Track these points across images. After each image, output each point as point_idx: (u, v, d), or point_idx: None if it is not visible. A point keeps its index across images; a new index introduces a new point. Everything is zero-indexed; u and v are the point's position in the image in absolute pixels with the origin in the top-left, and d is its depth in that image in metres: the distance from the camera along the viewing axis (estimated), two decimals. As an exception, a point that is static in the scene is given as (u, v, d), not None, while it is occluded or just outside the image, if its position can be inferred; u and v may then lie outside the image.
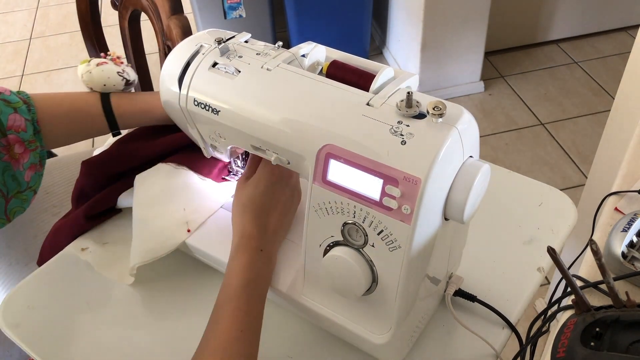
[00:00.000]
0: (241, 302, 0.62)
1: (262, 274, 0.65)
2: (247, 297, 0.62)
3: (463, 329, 0.69)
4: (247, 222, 0.67)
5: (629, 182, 0.78)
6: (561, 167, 2.02)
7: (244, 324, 0.61)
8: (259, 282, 0.64)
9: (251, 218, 0.67)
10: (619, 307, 0.52)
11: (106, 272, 0.79)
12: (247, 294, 0.62)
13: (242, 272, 0.63)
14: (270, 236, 0.67)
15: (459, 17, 2.10)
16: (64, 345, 0.72)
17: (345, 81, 0.60)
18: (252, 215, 0.68)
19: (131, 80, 0.82)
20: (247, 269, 0.64)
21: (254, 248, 0.65)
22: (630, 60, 1.18)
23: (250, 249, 0.65)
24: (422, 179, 0.51)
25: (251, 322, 0.62)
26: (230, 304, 0.62)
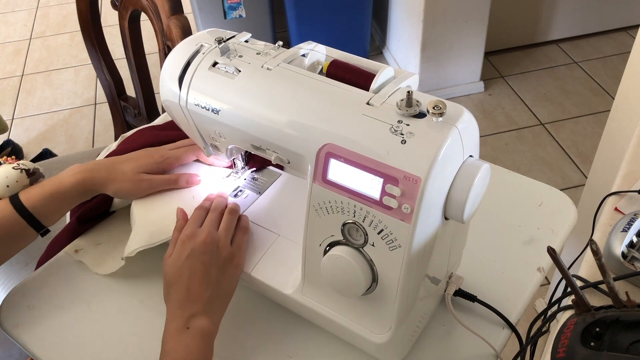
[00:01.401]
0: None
1: (194, 351, 0.61)
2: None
3: (463, 329, 0.69)
4: (167, 297, 0.66)
5: (629, 182, 0.78)
6: (561, 167, 2.02)
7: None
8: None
9: (169, 296, 0.65)
10: (619, 307, 0.52)
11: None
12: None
13: (171, 354, 0.60)
14: (195, 310, 0.63)
15: (459, 17, 2.10)
16: (64, 345, 0.72)
17: (345, 81, 0.60)
18: (169, 290, 0.65)
19: (32, 170, 0.77)
20: (175, 351, 0.60)
21: (178, 329, 0.62)
22: (630, 60, 1.18)
23: (174, 330, 0.62)
24: (422, 178, 0.51)
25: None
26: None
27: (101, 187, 0.76)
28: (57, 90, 2.58)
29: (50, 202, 0.73)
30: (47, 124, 2.39)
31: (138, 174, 0.77)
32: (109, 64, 1.37)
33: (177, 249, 0.68)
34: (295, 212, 0.76)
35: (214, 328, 0.64)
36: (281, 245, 0.73)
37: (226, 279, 0.67)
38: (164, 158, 0.79)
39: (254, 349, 0.70)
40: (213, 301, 0.65)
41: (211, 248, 0.67)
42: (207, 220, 0.71)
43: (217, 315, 0.65)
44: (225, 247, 0.69)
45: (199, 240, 0.67)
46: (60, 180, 0.74)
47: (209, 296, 0.65)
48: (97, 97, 2.51)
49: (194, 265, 0.66)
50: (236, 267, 0.69)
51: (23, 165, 0.77)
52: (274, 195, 0.80)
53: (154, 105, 1.31)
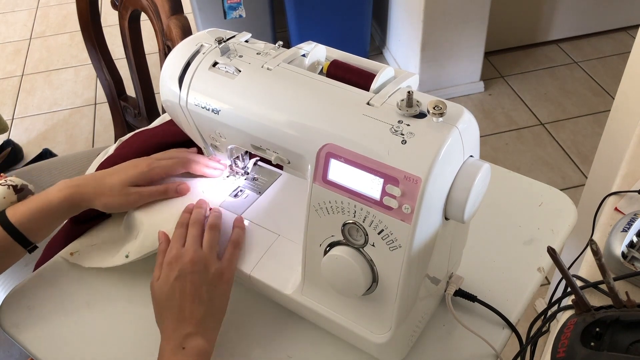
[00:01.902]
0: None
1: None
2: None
3: (463, 328, 0.69)
4: (160, 320, 0.65)
5: (629, 182, 0.78)
6: (561, 167, 2.02)
7: None
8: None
9: (162, 319, 0.65)
10: (619, 307, 0.52)
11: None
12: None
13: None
14: (189, 330, 0.63)
15: (459, 17, 2.10)
16: (64, 345, 0.72)
17: (345, 81, 0.60)
18: (161, 313, 0.65)
19: (19, 186, 0.77)
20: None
21: (173, 349, 0.62)
22: (630, 60, 1.18)
23: (170, 351, 0.62)
24: (422, 178, 0.51)
25: None
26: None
27: (89, 202, 0.75)
28: (57, 90, 2.58)
29: (37, 218, 0.72)
30: (47, 124, 2.39)
31: (126, 187, 0.76)
32: (109, 64, 1.37)
33: (164, 271, 0.67)
34: (295, 212, 0.76)
35: (209, 347, 0.64)
36: (281, 245, 0.73)
37: (217, 296, 0.67)
38: (150, 168, 0.78)
39: (254, 348, 0.70)
40: (206, 319, 0.65)
41: (199, 267, 0.67)
42: (188, 237, 0.70)
43: (211, 334, 0.65)
44: (213, 264, 0.68)
45: (185, 261, 0.67)
46: (48, 197, 0.73)
47: (202, 315, 0.64)
48: (97, 97, 2.51)
49: (183, 286, 0.65)
50: (226, 282, 0.69)
51: (10, 182, 0.76)
52: (274, 195, 0.80)
53: (154, 105, 1.31)
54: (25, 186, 0.77)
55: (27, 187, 0.77)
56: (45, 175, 1.21)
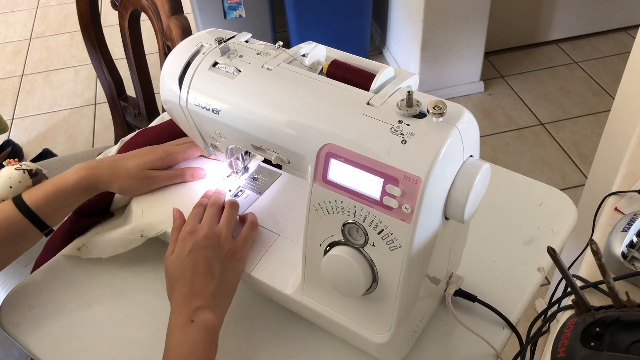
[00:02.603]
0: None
1: (199, 346, 0.61)
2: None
3: (463, 328, 0.69)
4: (171, 293, 0.65)
5: (629, 182, 0.78)
6: (561, 167, 2.02)
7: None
8: (196, 355, 0.60)
9: (173, 292, 0.65)
10: (619, 307, 0.52)
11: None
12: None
13: (175, 349, 0.61)
14: (199, 303, 0.63)
15: (459, 17, 2.10)
16: (64, 345, 0.72)
17: (345, 81, 0.60)
18: (172, 286, 0.66)
19: (34, 170, 0.78)
20: (180, 345, 0.61)
21: (183, 323, 0.62)
22: (630, 60, 1.18)
23: (179, 324, 0.62)
24: (422, 178, 0.51)
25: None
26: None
27: (105, 185, 0.76)
28: (57, 90, 2.58)
29: (53, 201, 0.73)
30: (47, 124, 2.39)
31: (143, 171, 0.77)
32: (109, 64, 1.37)
33: (179, 245, 0.68)
34: (295, 212, 0.76)
35: (218, 322, 0.64)
36: (281, 245, 0.73)
37: (229, 273, 0.68)
38: (167, 153, 0.80)
39: (254, 348, 0.70)
40: (217, 295, 0.65)
41: (213, 242, 0.68)
42: (206, 215, 0.71)
43: (221, 309, 0.66)
44: (228, 241, 0.69)
45: (200, 235, 0.68)
46: (63, 179, 0.74)
47: (212, 290, 0.65)
48: (97, 97, 2.51)
49: (196, 260, 0.66)
50: (239, 260, 0.69)
51: (25, 166, 0.77)
52: (274, 195, 0.80)
53: (154, 105, 1.31)
54: (40, 170, 0.79)
55: (41, 172, 0.79)
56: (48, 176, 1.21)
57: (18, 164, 0.77)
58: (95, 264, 0.81)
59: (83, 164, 0.76)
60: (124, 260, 0.80)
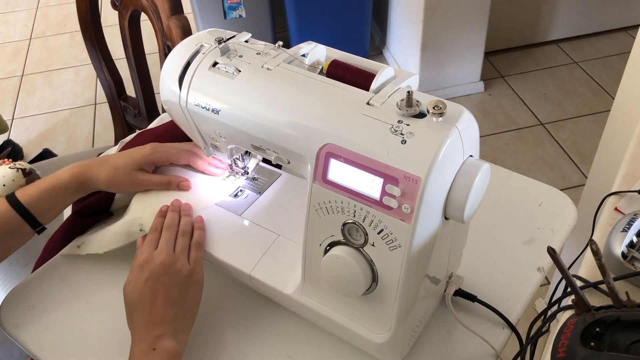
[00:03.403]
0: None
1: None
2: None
3: (463, 328, 0.69)
4: (131, 322, 0.65)
5: (629, 182, 0.78)
6: (561, 167, 2.02)
7: None
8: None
9: (133, 321, 0.65)
10: (619, 307, 0.52)
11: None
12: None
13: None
14: (160, 331, 0.63)
15: (459, 17, 2.10)
16: (64, 345, 0.72)
17: (345, 81, 0.60)
18: (132, 315, 0.66)
19: (28, 170, 0.78)
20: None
21: (144, 351, 0.62)
22: (630, 60, 1.18)
23: (140, 353, 0.62)
24: (422, 178, 0.51)
25: None
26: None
27: (95, 181, 0.77)
28: (57, 90, 2.58)
29: (46, 198, 0.74)
30: (47, 124, 2.39)
31: (131, 170, 0.78)
32: (109, 64, 1.37)
33: (136, 274, 0.67)
34: (295, 212, 0.76)
35: (180, 348, 0.64)
36: (281, 245, 0.73)
37: (189, 297, 0.67)
38: (154, 151, 0.80)
39: (254, 348, 0.70)
40: (177, 320, 0.65)
41: (170, 269, 0.67)
42: (162, 241, 0.70)
43: (182, 335, 0.65)
44: (184, 266, 0.69)
45: (157, 262, 0.67)
46: (56, 177, 0.75)
47: (173, 316, 0.65)
48: (97, 97, 2.51)
49: (154, 287, 0.66)
50: (196, 283, 0.69)
51: (19, 165, 0.77)
52: (274, 195, 0.80)
53: (154, 105, 1.31)
54: (34, 170, 0.79)
55: (35, 172, 0.79)
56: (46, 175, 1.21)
57: (12, 163, 0.78)
58: (96, 264, 0.81)
59: (77, 162, 0.77)
60: (124, 261, 0.80)
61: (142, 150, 0.80)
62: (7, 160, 0.81)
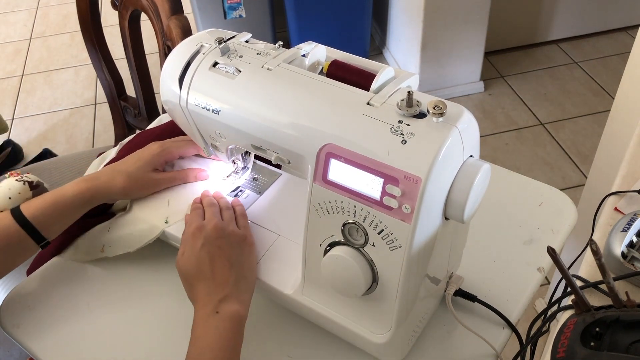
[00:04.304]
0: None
1: (224, 335, 0.61)
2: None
3: (463, 328, 0.69)
4: (193, 292, 0.65)
5: (629, 182, 0.78)
6: (561, 167, 2.02)
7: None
8: (222, 345, 0.60)
9: (193, 289, 0.65)
10: (619, 307, 0.52)
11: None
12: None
13: (201, 339, 0.61)
14: (223, 294, 0.63)
15: (459, 17, 2.10)
16: (64, 345, 0.72)
17: (345, 81, 0.60)
18: (192, 284, 0.65)
19: (35, 182, 0.77)
20: (205, 336, 0.61)
21: (207, 315, 0.62)
22: (630, 60, 1.18)
23: (204, 317, 0.62)
24: (422, 178, 0.51)
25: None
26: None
27: (106, 194, 0.76)
28: (57, 90, 2.58)
29: (51, 212, 0.72)
30: (47, 124, 2.39)
31: (145, 173, 0.77)
32: (109, 64, 1.37)
33: (189, 243, 0.67)
34: (295, 212, 0.76)
35: (243, 311, 0.64)
36: (281, 245, 0.73)
37: (246, 258, 0.68)
38: (162, 148, 0.79)
39: (254, 348, 0.70)
40: (239, 282, 0.65)
41: (223, 232, 0.68)
42: (207, 212, 0.71)
43: (245, 297, 0.65)
44: (236, 229, 0.70)
45: (209, 228, 0.68)
46: (63, 191, 0.74)
47: (234, 278, 0.65)
48: (97, 97, 2.51)
49: (212, 252, 0.66)
50: (251, 245, 0.70)
51: (26, 178, 0.77)
52: (274, 195, 0.80)
53: (154, 105, 1.31)
54: (42, 183, 0.78)
55: (42, 185, 0.78)
56: (46, 175, 1.21)
57: (19, 175, 0.77)
58: (96, 264, 0.81)
59: (84, 177, 0.76)
60: (125, 261, 0.80)
61: (151, 150, 0.79)
62: (14, 172, 0.80)
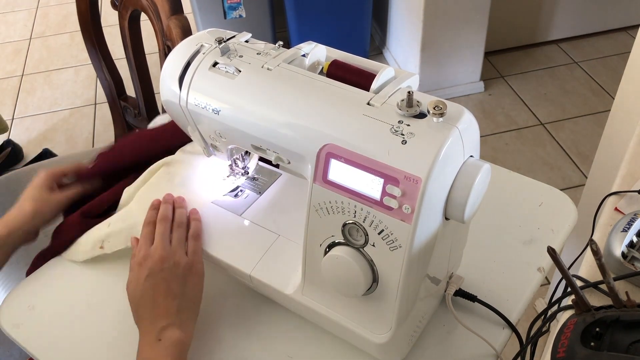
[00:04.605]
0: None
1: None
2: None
3: (463, 328, 0.69)
4: (137, 318, 0.66)
5: (629, 182, 0.78)
6: (561, 167, 2.02)
7: None
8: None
9: (138, 317, 0.66)
10: (619, 307, 0.52)
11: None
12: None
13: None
14: (165, 322, 0.64)
15: (459, 17, 2.10)
16: (64, 345, 0.72)
17: (345, 81, 0.60)
18: (137, 311, 0.66)
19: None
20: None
21: (150, 342, 0.63)
22: (630, 60, 1.18)
23: (147, 344, 0.63)
24: (422, 178, 0.51)
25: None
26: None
27: (22, 223, 0.78)
28: (57, 90, 2.58)
29: (4, 239, 0.76)
30: (47, 124, 2.39)
31: (45, 193, 0.80)
32: (109, 64, 1.37)
33: (135, 272, 0.68)
34: (295, 212, 0.76)
35: (186, 338, 0.64)
36: (281, 245, 0.73)
37: (190, 289, 0.68)
38: (46, 169, 0.81)
39: (254, 349, 0.70)
40: (182, 312, 0.66)
41: (168, 264, 0.68)
42: (157, 235, 0.71)
43: (188, 325, 0.66)
44: (182, 258, 0.69)
45: (155, 259, 0.68)
46: (18, 215, 0.77)
47: (176, 308, 0.65)
48: (97, 97, 2.51)
49: (155, 283, 0.66)
50: (196, 274, 0.69)
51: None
52: (274, 195, 0.80)
53: (154, 105, 1.31)
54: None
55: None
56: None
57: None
58: (95, 264, 0.81)
59: None
60: (124, 261, 0.80)
61: (37, 177, 0.81)
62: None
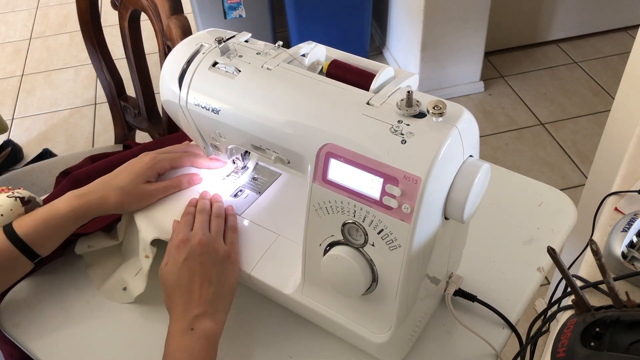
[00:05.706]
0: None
1: (197, 353, 0.61)
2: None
3: (463, 328, 0.69)
4: (170, 304, 0.65)
5: (629, 182, 0.78)
6: (561, 167, 2.02)
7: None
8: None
9: (171, 302, 0.65)
10: (619, 307, 0.52)
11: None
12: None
13: (174, 356, 0.60)
14: (199, 311, 0.63)
15: (459, 17, 2.10)
16: (64, 345, 0.72)
17: (345, 80, 0.60)
18: (171, 296, 0.65)
19: (27, 198, 0.75)
20: (178, 352, 0.60)
21: (182, 330, 0.62)
22: (630, 60, 1.18)
23: (178, 332, 0.62)
24: (422, 178, 0.51)
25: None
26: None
27: (99, 209, 0.74)
28: (57, 90, 2.58)
29: (43, 229, 0.71)
30: (47, 124, 2.39)
31: (137, 185, 0.75)
32: (109, 64, 1.36)
33: (173, 254, 0.67)
34: (295, 212, 0.76)
35: (218, 329, 0.64)
36: (281, 245, 0.73)
37: (226, 277, 0.68)
38: (155, 161, 0.77)
39: (254, 349, 0.70)
40: (216, 301, 0.65)
41: (207, 249, 0.67)
42: (196, 222, 0.71)
43: (221, 315, 0.65)
44: (221, 246, 0.69)
45: (194, 242, 0.67)
46: (55, 208, 0.72)
47: (211, 296, 0.65)
48: (97, 97, 2.51)
49: (193, 267, 0.66)
50: (233, 263, 0.69)
51: (18, 194, 0.75)
52: (274, 195, 0.80)
53: (154, 105, 1.31)
54: (33, 198, 0.77)
55: (34, 200, 0.77)
56: (46, 175, 1.21)
57: (11, 191, 0.76)
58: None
59: (75, 192, 0.74)
60: (124, 260, 0.80)
61: (142, 163, 0.76)
62: (5, 188, 0.79)
